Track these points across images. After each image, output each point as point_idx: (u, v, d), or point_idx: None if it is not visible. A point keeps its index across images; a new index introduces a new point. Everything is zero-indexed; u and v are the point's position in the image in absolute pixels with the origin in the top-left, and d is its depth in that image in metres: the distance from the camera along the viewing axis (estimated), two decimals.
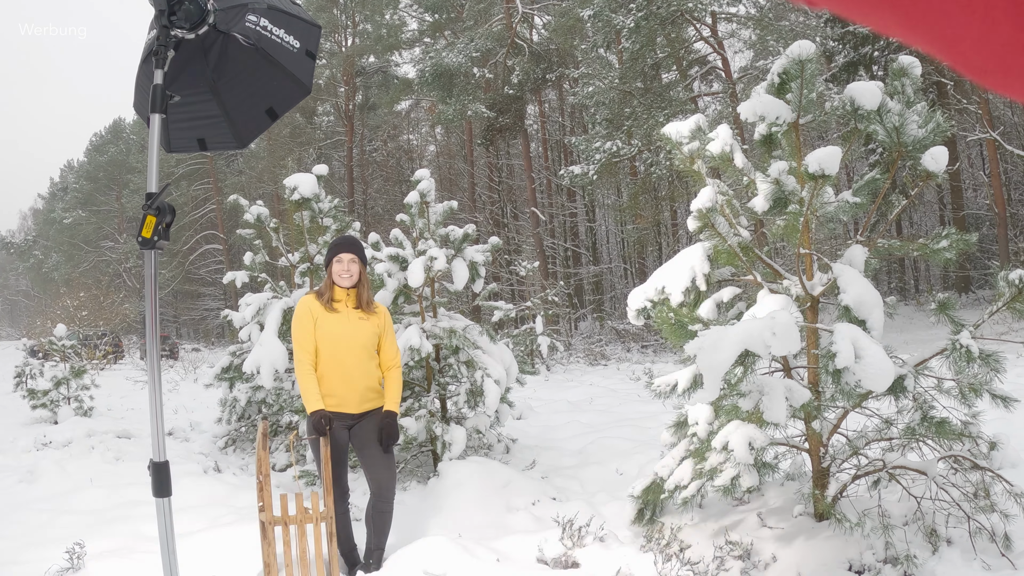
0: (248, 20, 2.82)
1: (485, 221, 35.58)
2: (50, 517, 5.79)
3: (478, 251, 7.04)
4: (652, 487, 4.71)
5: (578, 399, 13.23)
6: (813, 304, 4.32)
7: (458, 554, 4.33)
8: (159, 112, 2.58)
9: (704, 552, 4.34)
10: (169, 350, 35.80)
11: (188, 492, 6.15)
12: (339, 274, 4.39)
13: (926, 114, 3.97)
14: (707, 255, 4.47)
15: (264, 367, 6.81)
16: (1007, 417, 4.43)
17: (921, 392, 4.15)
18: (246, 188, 44.79)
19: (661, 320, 4.18)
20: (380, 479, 4.47)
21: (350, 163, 42.95)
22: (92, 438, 8.83)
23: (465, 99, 30.70)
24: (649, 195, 27.21)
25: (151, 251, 2.55)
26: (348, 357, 4.37)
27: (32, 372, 13.05)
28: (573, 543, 4.55)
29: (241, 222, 8.82)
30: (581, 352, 24.72)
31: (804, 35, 21.81)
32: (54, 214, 68.15)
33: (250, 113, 3.06)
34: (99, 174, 63.01)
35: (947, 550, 4.14)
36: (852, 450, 4.38)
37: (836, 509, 4.13)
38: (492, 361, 6.75)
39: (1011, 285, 3.94)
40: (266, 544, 3.97)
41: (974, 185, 30.66)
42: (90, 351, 25.89)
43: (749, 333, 3.52)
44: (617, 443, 7.74)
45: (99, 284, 46.97)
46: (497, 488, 5.87)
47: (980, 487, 4.20)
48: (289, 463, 7.55)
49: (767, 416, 3.70)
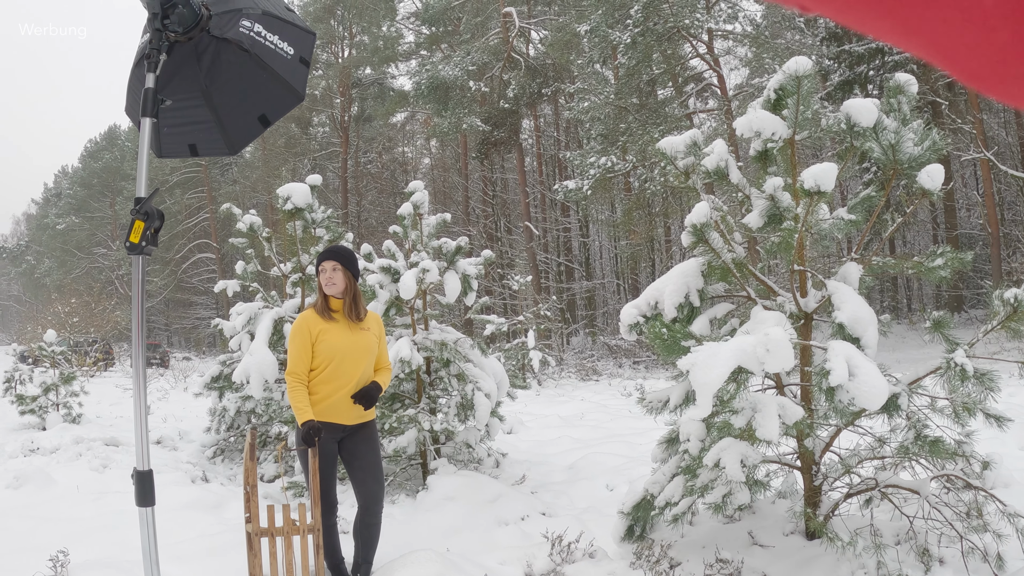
0: (242, 25, 2.80)
1: (479, 234, 35.61)
2: (35, 524, 5.73)
3: (471, 264, 7.02)
4: (642, 503, 4.67)
5: (569, 414, 13.20)
6: (807, 321, 4.30)
7: (446, 568, 4.29)
8: (150, 116, 2.56)
9: (694, 569, 4.30)
10: (160, 359, 35.66)
11: (174, 501, 6.09)
12: (324, 283, 4.37)
13: (922, 132, 3.96)
14: (701, 271, 4.45)
15: (254, 377, 6.77)
16: (1000, 436, 4.43)
17: (915, 411, 4.13)
18: (240, 197, 44.77)
19: (654, 335, 4.16)
20: (369, 492, 4.43)
21: (344, 174, 42.96)
22: (80, 445, 8.77)
23: (461, 112, 30.80)
24: (643, 211, 27.28)
25: (139, 256, 2.51)
26: (351, 368, 4.33)
27: (21, 377, 12.97)
28: (562, 559, 4.51)
29: (234, 231, 8.80)
30: (573, 367, 24.68)
31: (800, 53, 21.89)
32: (47, 219, 68.05)
33: (242, 119, 3.03)
34: (93, 180, 62.93)
35: (939, 570, 4.11)
36: (844, 468, 4.36)
37: (828, 528, 4.10)
38: (483, 375, 6.72)
39: (1006, 304, 3.93)
40: (252, 555, 3.93)
41: (967, 205, 30.81)
42: (80, 358, 25.78)
43: (743, 349, 3.50)
44: (608, 459, 7.71)
45: (91, 291, 46.81)
46: (486, 502, 5.83)
47: (973, 507, 4.18)
48: (277, 474, 7.50)
49: (760, 433, 3.68)
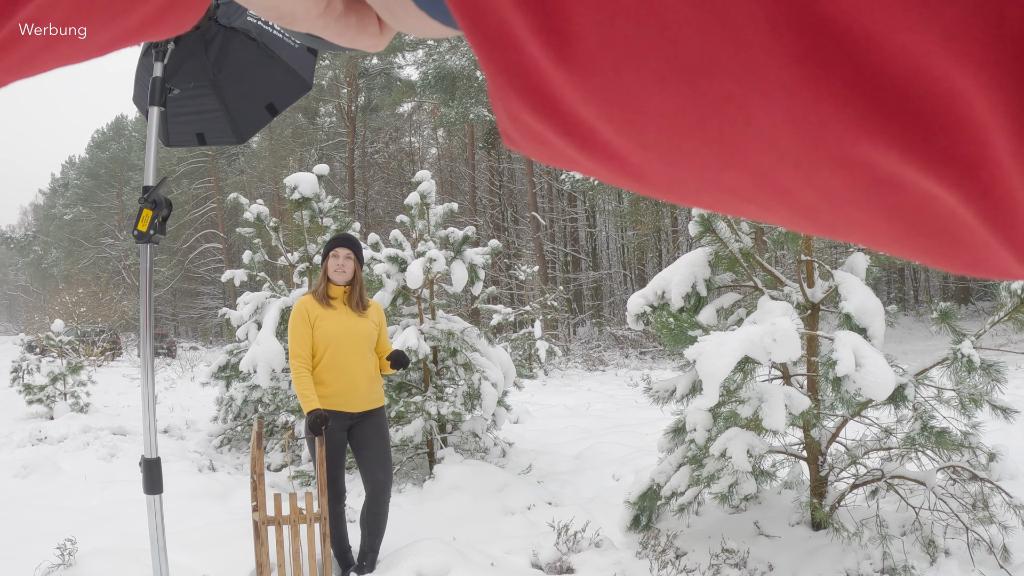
0: (250, 14, 2.80)
1: (485, 224, 35.59)
2: (43, 513, 5.76)
3: (477, 254, 7.02)
4: (648, 493, 4.68)
5: (575, 404, 13.20)
6: (814, 311, 4.30)
7: (452, 558, 4.30)
8: (158, 105, 2.56)
9: (700, 560, 4.31)
10: (167, 348, 35.73)
11: (182, 490, 6.12)
12: (334, 270, 4.37)
13: None
14: (708, 260, 4.45)
15: (261, 366, 6.79)
16: (1007, 428, 4.42)
17: (921, 402, 4.12)
18: (247, 187, 44.81)
19: (661, 325, 4.16)
20: (376, 481, 4.44)
21: (351, 164, 42.96)
22: (87, 434, 8.81)
23: (467, 102, 30.76)
24: (650, 201, 27.22)
25: (147, 245, 2.52)
26: (350, 354, 4.35)
27: (29, 367, 13.01)
28: (568, 548, 4.52)
29: (241, 221, 8.81)
30: (579, 357, 24.69)
31: None
32: (55, 210, 68.15)
33: (250, 108, 3.04)
34: (100, 171, 63.00)
35: (945, 561, 4.11)
36: (851, 459, 4.36)
37: (834, 518, 4.10)
38: (490, 364, 6.72)
39: (1013, 295, 3.92)
40: (259, 544, 3.94)
41: None
42: (88, 347, 25.86)
43: (749, 339, 3.50)
44: (614, 449, 7.71)
45: (98, 281, 46.98)
46: (493, 492, 5.84)
47: (979, 498, 4.17)
48: (284, 463, 7.52)
49: (766, 423, 3.68)
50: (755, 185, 0.23)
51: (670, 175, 0.24)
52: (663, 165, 0.23)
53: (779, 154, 0.21)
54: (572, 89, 0.23)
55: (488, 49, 0.24)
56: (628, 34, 0.20)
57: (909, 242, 0.23)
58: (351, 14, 0.36)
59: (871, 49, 0.18)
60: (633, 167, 0.24)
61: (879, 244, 0.23)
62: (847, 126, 0.19)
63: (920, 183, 0.20)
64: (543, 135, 0.25)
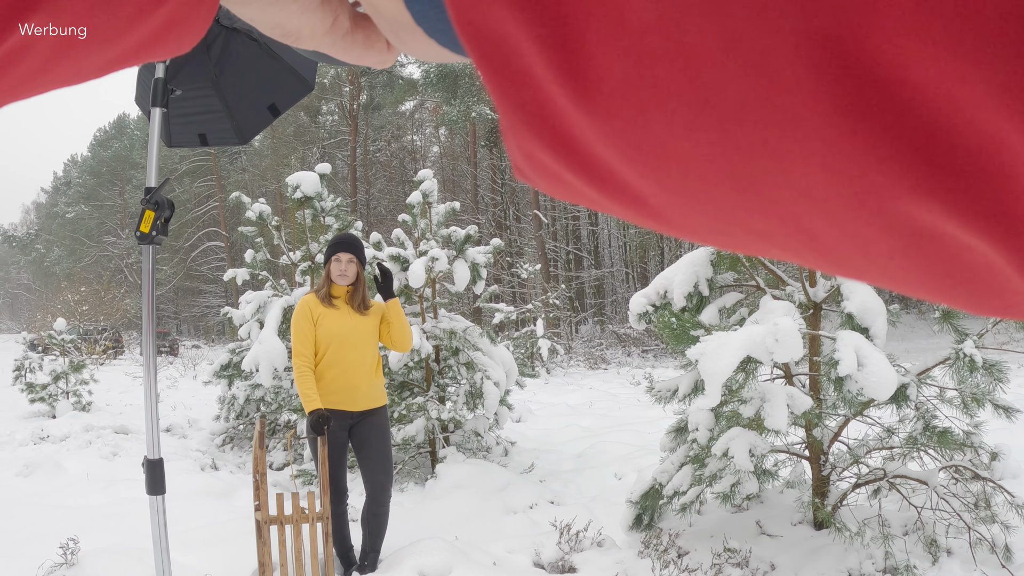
0: None
1: (487, 223, 35.59)
2: (45, 512, 5.77)
3: (480, 252, 7.02)
4: (650, 492, 4.68)
5: (578, 403, 13.20)
6: (816, 311, 4.29)
7: (454, 557, 4.30)
8: (160, 106, 2.56)
9: (702, 559, 4.31)
10: (169, 347, 35.74)
11: (184, 489, 6.12)
12: (337, 274, 4.38)
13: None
14: (710, 260, 4.45)
15: (263, 365, 6.79)
16: (1009, 427, 4.41)
17: (923, 401, 4.12)
18: (249, 186, 44.82)
19: (663, 324, 4.16)
20: (376, 482, 4.44)
21: (353, 163, 42.96)
22: (89, 433, 8.82)
23: (470, 100, 30.75)
24: None
25: (149, 246, 2.53)
26: (352, 353, 4.35)
27: (31, 366, 13.02)
28: (570, 547, 4.53)
29: (243, 219, 8.82)
30: (581, 356, 24.70)
31: None
32: (57, 208, 68.26)
33: (252, 109, 3.04)
34: (102, 169, 63.08)
35: (947, 560, 4.11)
36: (853, 458, 4.36)
37: (836, 518, 4.10)
38: (492, 363, 6.73)
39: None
40: (261, 543, 3.95)
41: None
42: (90, 346, 25.89)
43: (752, 339, 3.50)
44: (616, 448, 7.71)
45: (100, 279, 47.05)
46: (495, 491, 5.84)
47: (981, 497, 4.17)
48: (287, 462, 7.53)
49: (768, 423, 3.68)
50: (784, 231, 0.22)
51: (694, 218, 0.23)
52: (686, 209, 0.23)
53: (813, 203, 0.20)
54: (592, 130, 0.22)
55: (501, 84, 0.23)
56: (655, 77, 0.20)
57: (941, 289, 0.22)
58: (358, 31, 0.35)
59: (918, 100, 0.17)
60: (653, 209, 0.24)
61: (908, 290, 0.23)
62: (889, 179, 0.18)
63: (959, 235, 0.19)
64: (558, 173, 0.25)
